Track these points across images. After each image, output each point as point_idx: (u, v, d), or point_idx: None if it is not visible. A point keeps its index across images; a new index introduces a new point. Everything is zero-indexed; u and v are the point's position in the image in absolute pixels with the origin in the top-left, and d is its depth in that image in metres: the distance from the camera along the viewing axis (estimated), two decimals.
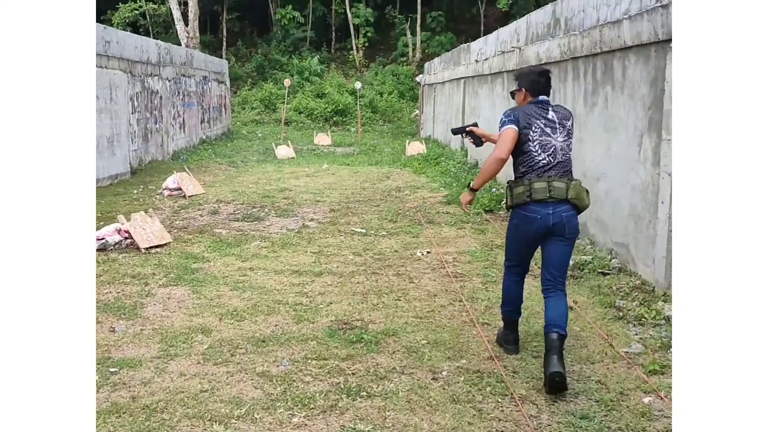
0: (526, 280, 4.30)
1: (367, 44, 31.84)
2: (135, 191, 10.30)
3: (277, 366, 3.99)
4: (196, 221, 8.30)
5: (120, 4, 27.82)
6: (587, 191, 3.92)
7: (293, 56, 29.35)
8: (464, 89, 14.85)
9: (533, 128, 3.84)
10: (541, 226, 3.81)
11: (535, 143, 3.83)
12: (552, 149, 3.84)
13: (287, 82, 20.76)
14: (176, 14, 25.73)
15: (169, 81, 14.92)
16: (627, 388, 3.71)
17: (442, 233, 7.77)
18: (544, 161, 3.82)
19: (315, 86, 26.50)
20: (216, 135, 19.73)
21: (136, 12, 28.14)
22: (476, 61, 13.27)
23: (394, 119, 24.98)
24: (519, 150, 3.87)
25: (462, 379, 3.85)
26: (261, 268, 6.17)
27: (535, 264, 4.83)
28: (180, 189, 9.86)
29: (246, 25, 32.84)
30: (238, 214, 8.76)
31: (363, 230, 7.86)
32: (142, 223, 6.70)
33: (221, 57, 29.88)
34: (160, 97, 14.35)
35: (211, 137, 18.95)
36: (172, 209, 9.02)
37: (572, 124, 3.96)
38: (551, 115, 3.91)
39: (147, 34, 30.38)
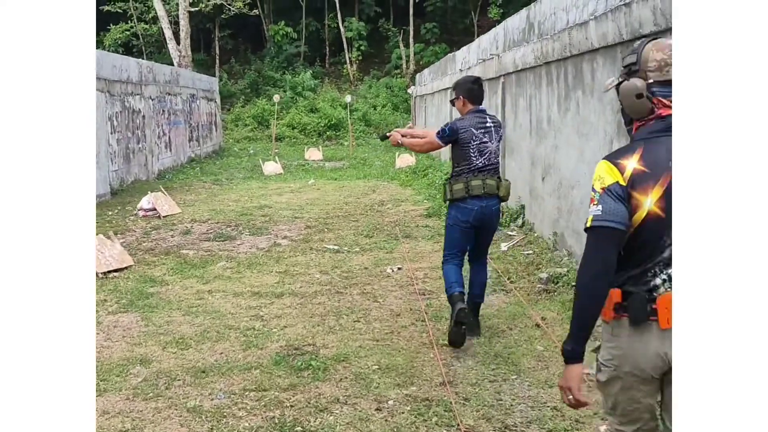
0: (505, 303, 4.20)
1: (360, 58, 31.73)
2: (110, 213, 10.08)
3: (212, 399, 3.72)
4: (165, 242, 8.05)
5: (111, 25, 27.77)
6: (510, 184, 4.67)
7: (287, 72, 29.24)
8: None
9: (474, 137, 4.45)
10: (476, 216, 4.47)
11: (474, 149, 4.46)
12: (487, 153, 4.50)
13: (276, 97, 20.58)
14: (167, 33, 25.65)
15: (152, 100, 14.75)
16: (584, 416, 3.41)
17: (417, 248, 7.50)
18: (480, 163, 4.47)
19: (308, 101, 26.35)
20: (206, 153, 19.55)
21: (128, 33, 28.09)
22: (461, 70, 13.04)
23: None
24: (459, 153, 4.50)
25: (408, 408, 3.57)
26: (220, 290, 5.90)
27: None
28: (155, 209, 9.62)
29: (240, 42, 32.80)
30: (210, 233, 8.51)
31: (336, 247, 7.59)
32: (100, 246, 6.45)
33: (214, 75, 29.85)
34: (143, 117, 14.18)
35: (200, 155, 18.77)
36: (144, 230, 8.78)
37: (502, 132, 4.66)
38: (489, 123, 4.53)
39: (140, 55, 30.38)
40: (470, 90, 4.61)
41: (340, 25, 31.13)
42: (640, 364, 1.99)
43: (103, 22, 29.24)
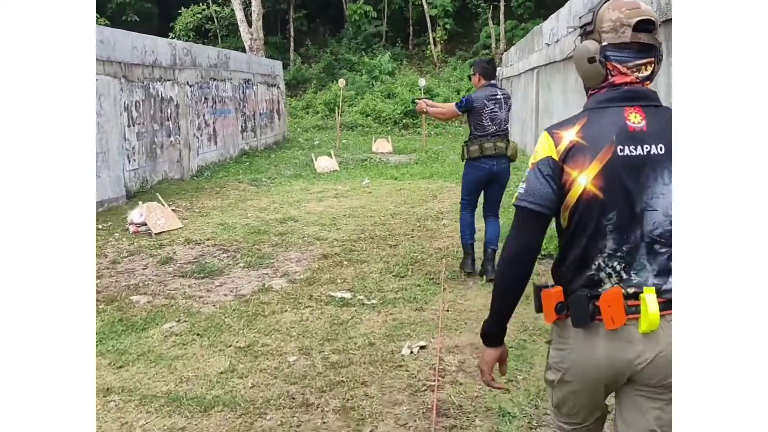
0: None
1: (446, 37, 29.05)
2: (100, 226, 8.22)
3: None
4: (127, 278, 6.01)
5: (182, 9, 26.53)
6: (516, 146, 5.71)
7: (365, 54, 27.06)
8: (537, 81, 11.93)
9: (486, 107, 5.46)
10: (487, 173, 5.54)
11: (486, 116, 5.46)
12: (498, 121, 5.49)
13: (342, 82, 18.41)
14: (239, 15, 24.10)
15: (190, 86, 12.93)
16: None
17: (463, 302, 5.09)
18: (492, 129, 5.47)
19: (385, 86, 24.05)
20: (265, 144, 17.70)
21: (200, 16, 26.74)
22: (547, 44, 10.34)
23: None
24: (475, 120, 5.53)
25: None
26: (128, 389, 3.74)
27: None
28: (146, 224, 7.66)
29: (318, 23, 30.91)
30: (194, 263, 6.42)
31: (347, 295, 5.29)
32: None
33: (289, 58, 28.12)
34: (176, 105, 12.36)
35: (256, 147, 16.93)
36: (118, 254, 6.81)
37: (510, 103, 5.64)
38: (498, 95, 5.53)
39: (215, 39, 29.11)
40: (484, 68, 5.69)
41: (424, 1, 28.53)
42: (589, 371, 1.85)
43: (173, 5, 28.10)
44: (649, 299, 1.75)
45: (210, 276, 5.97)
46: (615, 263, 1.81)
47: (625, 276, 1.81)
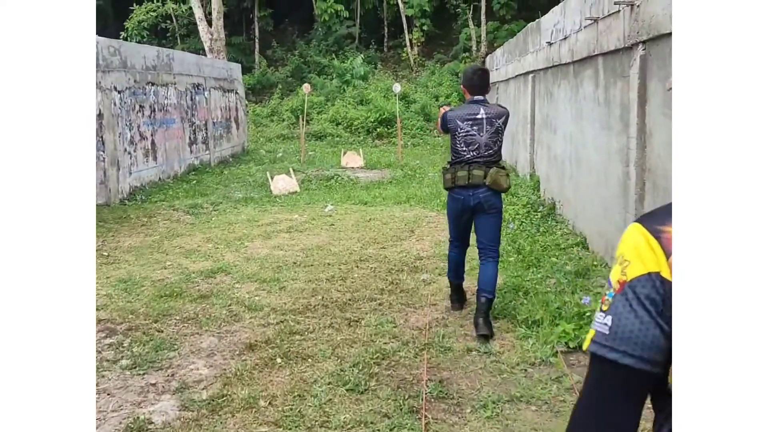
0: None
1: (423, 39, 27.14)
2: None
3: None
4: None
5: (134, 5, 24.28)
6: (508, 174, 4.73)
7: (336, 57, 25.02)
8: (533, 88, 9.99)
9: (458, 128, 4.68)
10: (464, 205, 4.74)
11: (460, 140, 4.69)
12: (476, 146, 4.66)
13: (306, 88, 16.36)
14: (198, 13, 21.92)
15: (119, 92, 10.79)
16: None
17: None
18: (467, 155, 4.67)
19: (357, 91, 22.03)
20: (220, 158, 15.57)
21: (154, 14, 24.47)
22: (549, 43, 8.40)
23: None
24: (451, 142, 4.78)
25: None
26: None
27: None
28: None
29: (287, 23, 28.80)
30: None
31: None
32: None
33: (253, 61, 25.99)
34: (99, 115, 10.23)
35: (209, 162, 14.79)
36: None
37: (503, 122, 4.72)
38: (481, 114, 4.67)
39: (173, 40, 26.87)
40: (470, 80, 4.82)
41: (400, 1, 26.59)
42: None
43: (128, 2, 25.83)
44: None
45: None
46: None
47: None
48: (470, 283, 5.34)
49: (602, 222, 6.06)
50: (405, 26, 26.95)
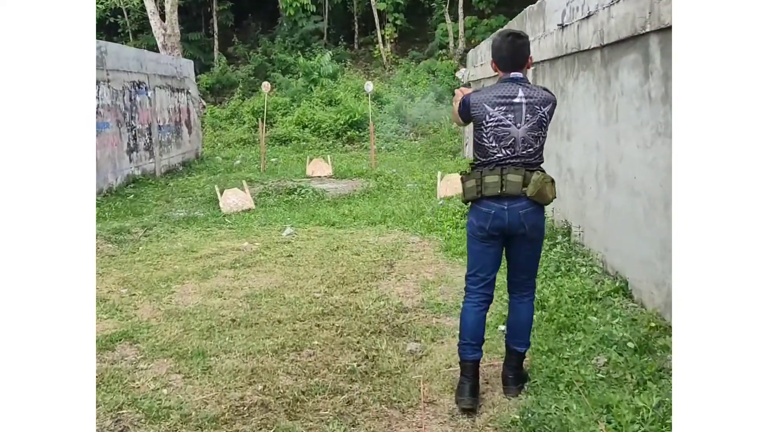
0: None
1: (396, 36, 25.39)
2: None
3: None
4: None
5: None
6: (553, 181, 3.36)
7: (303, 54, 23.13)
8: (534, 83, 8.24)
9: (488, 116, 3.30)
10: (493, 222, 3.33)
11: (488, 132, 3.32)
12: (511, 141, 3.29)
13: (266, 86, 14.48)
14: (149, 6, 19.84)
15: None
16: None
17: None
18: (498, 153, 3.31)
19: (326, 91, 20.17)
20: (168, 166, 13.62)
21: (102, 7, 22.29)
22: (561, 26, 6.68)
23: (429, 131, 18.44)
24: (475, 136, 3.40)
25: None
26: None
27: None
28: None
29: (249, 18, 26.81)
30: None
31: None
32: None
33: (212, 58, 23.98)
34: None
35: (153, 172, 12.84)
36: None
37: (548, 111, 3.32)
38: (519, 98, 3.28)
39: (125, 36, 24.72)
40: (498, 49, 3.38)
41: None
42: None
43: None
44: None
45: None
46: None
47: None
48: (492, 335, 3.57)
49: (657, 265, 4.35)
50: (377, 21, 25.16)
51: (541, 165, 3.40)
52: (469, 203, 3.49)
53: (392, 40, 25.44)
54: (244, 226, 8.49)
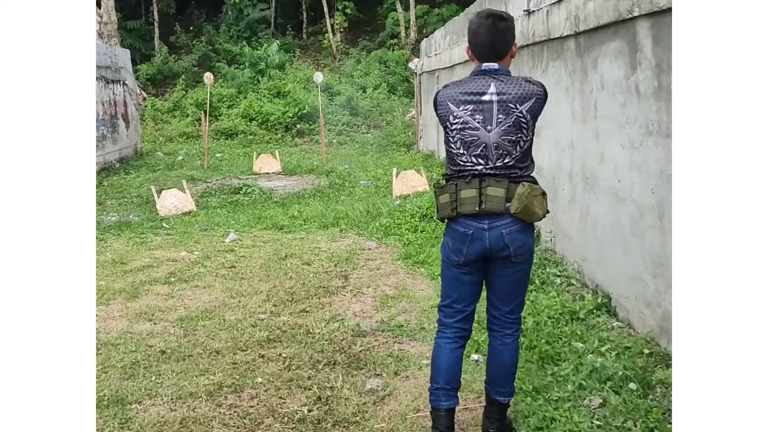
0: None
1: (347, 24, 24.65)
2: None
3: None
4: None
5: None
6: (544, 194, 2.74)
7: (249, 44, 22.17)
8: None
9: (451, 118, 2.73)
10: (472, 244, 2.74)
11: (454, 137, 2.74)
12: (481, 148, 2.69)
13: (208, 78, 13.62)
14: None
15: None
16: None
17: None
18: (468, 161, 2.72)
19: (274, 82, 19.32)
20: (103, 163, 12.66)
21: None
22: (528, 12, 6.13)
23: (382, 124, 17.82)
24: (444, 142, 2.84)
25: None
26: None
27: None
28: None
29: (192, 6, 25.63)
30: None
31: None
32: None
33: (153, 48, 22.81)
34: None
35: None
36: None
37: (529, 109, 2.67)
38: (490, 94, 2.65)
39: None
40: (474, 33, 2.74)
41: None
42: None
43: None
44: None
45: None
46: None
47: None
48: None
49: (648, 283, 3.84)
50: (326, 10, 24.38)
51: (530, 173, 2.82)
52: (444, 221, 2.90)
53: (342, 30, 24.70)
54: (183, 231, 7.72)
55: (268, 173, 12.27)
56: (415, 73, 15.54)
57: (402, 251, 6.42)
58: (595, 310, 4.33)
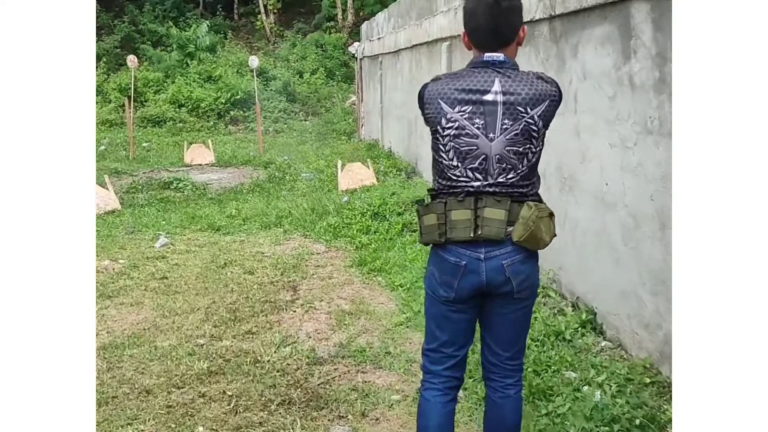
0: None
1: (280, 6, 23.67)
2: None
3: None
4: None
5: None
6: (551, 215, 2.21)
7: (175, 24, 20.95)
8: (449, 62, 7.23)
9: (443, 121, 2.18)
10: (466, 278, 2.22)
11: (446, 146, 2.20)
12: (480, 160, 2.17)
13: (132, 61, 12.60)
14: None
15: None
16: None
17: None
18: (463, 175, 2.19)
19: (204, 66, 18.27)
20: None
21: None
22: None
23: (320, 111, 17.10)
24: (431, 148, 2.28)
25: None
26: None
27: None
28: None
29: None
30: None
31: None
32: None
33: None
34: None
35: None
36: None
37: (542, 114, 2.12)
38: (494, 93, 2.12)
39: None
40: (472, 15, 2.17)
41: None
42: None
43: None
44: None
45: None
46: None
47: None
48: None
49: (646, 301, 3.41)
50: None
51: (535, 192, 2.29)
52: (429, 246, 2.35)
53: (275, 11, 23.72)
54: (106, 235, 6.91)
55: (200, 165, 11.44)
56: (356, 58, 14.89)
57: (355, 256, 5.85)
58: (580, 328, 3.88)
